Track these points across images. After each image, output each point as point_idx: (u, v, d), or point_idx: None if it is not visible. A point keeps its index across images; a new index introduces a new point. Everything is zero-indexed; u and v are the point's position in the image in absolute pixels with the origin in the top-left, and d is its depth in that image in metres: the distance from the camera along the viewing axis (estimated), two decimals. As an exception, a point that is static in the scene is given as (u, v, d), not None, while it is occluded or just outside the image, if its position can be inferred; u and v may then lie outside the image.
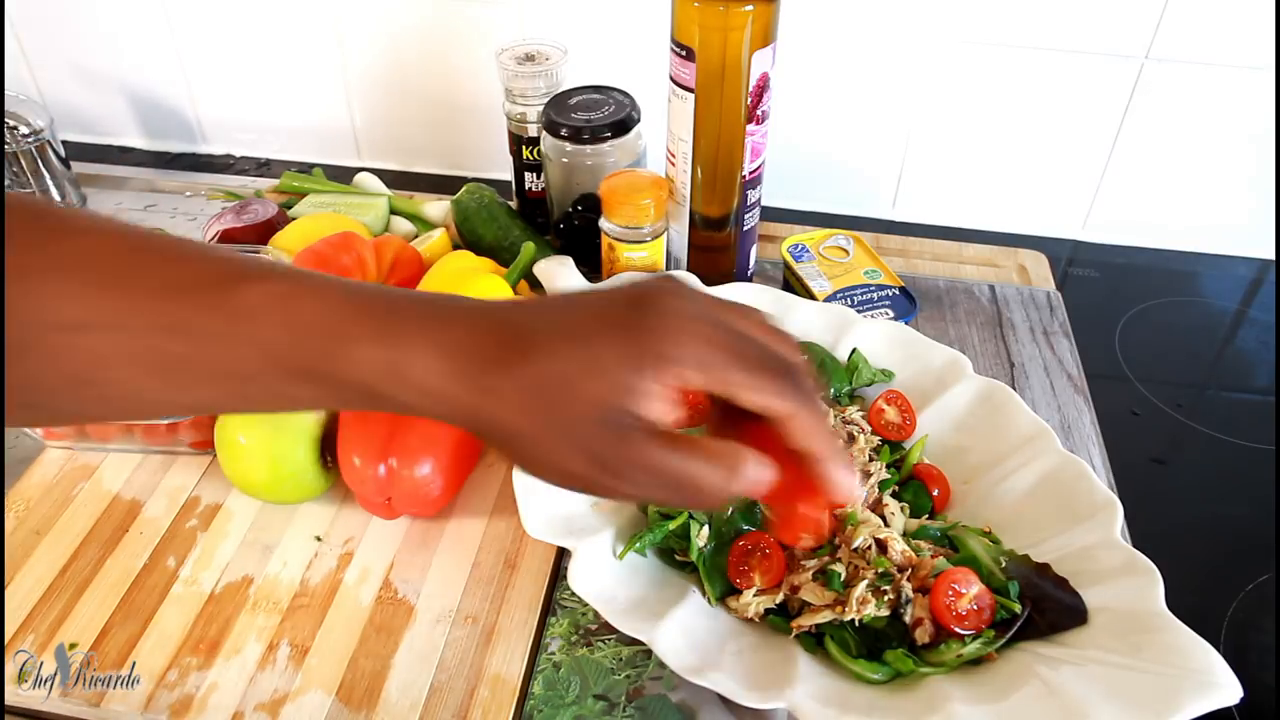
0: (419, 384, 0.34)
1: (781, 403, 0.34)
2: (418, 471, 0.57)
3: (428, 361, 0.33)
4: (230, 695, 0.53)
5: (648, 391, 0.33)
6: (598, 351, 0.33)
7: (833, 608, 0.51)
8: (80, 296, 0.33)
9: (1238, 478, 0.70)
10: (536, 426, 0.33)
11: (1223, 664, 0.44)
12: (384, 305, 0.34)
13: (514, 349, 0.33)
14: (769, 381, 0.34)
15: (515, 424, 0.34)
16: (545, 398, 0.33)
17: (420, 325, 0.34)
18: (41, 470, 0.66)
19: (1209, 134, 0.85)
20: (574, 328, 0.34)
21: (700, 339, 0.33)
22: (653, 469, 0.33)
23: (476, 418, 0.34)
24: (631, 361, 0.33)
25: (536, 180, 0.84)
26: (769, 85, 0.67)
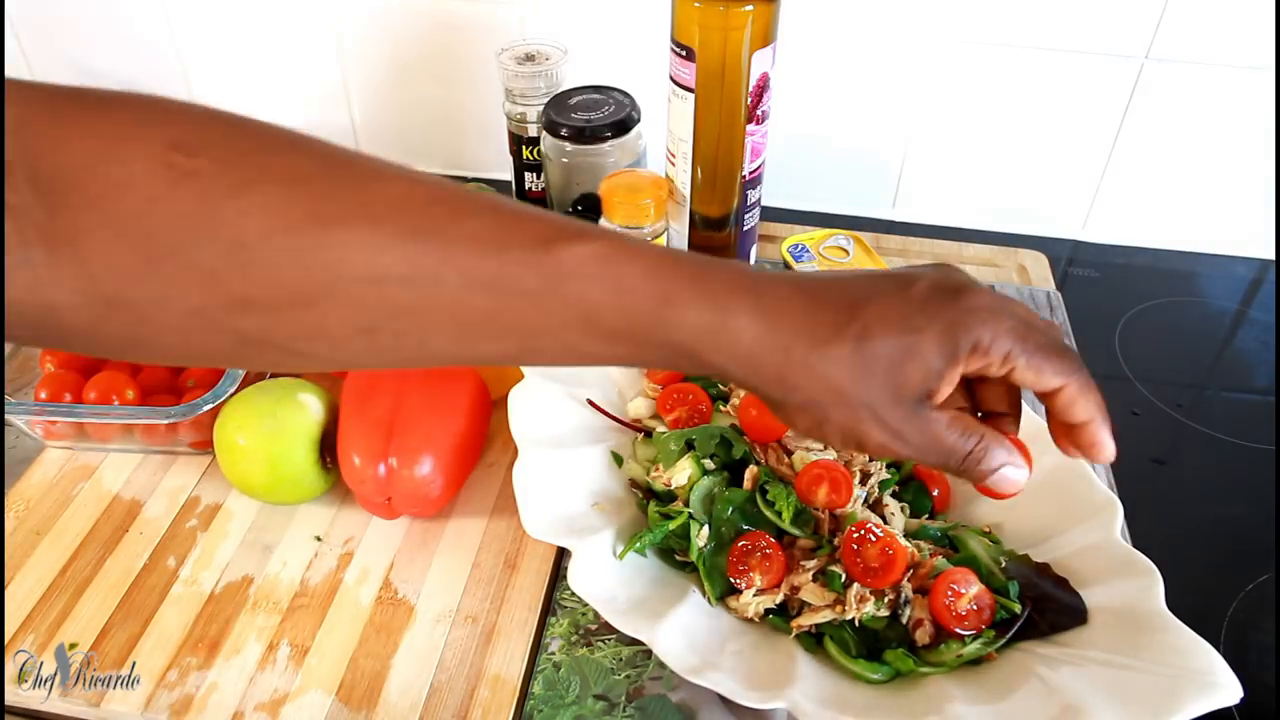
0: (734, 348, 0.36)
1: (1062, 379, 0.38)
2: (418, 471, 0.57)
3: (748, 326, 0.35)
4: (230, 695, 0.53)
5: (953, 377, 0.37)
6: (921, 339, 0.36)
7: (832, 607, 0.51)
8: (389, 247, 0.33)
9: (1238, 478, 0.70)
10: (845, 399, 0.36)
11: (1223, 664, 0.44)
12: (703, 270, 0.36)
13: (847, 327, 0.36)
14: (1053, 362, 0.38)
15: (824, 395, 0.37)
16: (868, 379, 0.36)
17: (739, 291, 0.36)
18: (41, 470, 0.66)
19: (1209, 134, 0.85)
20: (902, 314, 0.36)
21: (1003, 330, 0.37)
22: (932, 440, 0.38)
23: (782, 382, 0.37)
24: (950, 353, 0.36)
25: (536, 180, 0.84)
26: (769, 85, 0.67)
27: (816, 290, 0.37)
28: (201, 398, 0.61)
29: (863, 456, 0.60)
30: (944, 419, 0.38)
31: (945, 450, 0.38)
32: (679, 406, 0.64)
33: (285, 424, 0.59)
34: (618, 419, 0.64)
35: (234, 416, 0.60)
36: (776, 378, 0.37)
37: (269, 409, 0.60)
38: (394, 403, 0.58)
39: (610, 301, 0.35)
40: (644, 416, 0.65)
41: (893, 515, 0.57)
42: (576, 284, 0.34)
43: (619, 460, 0.61)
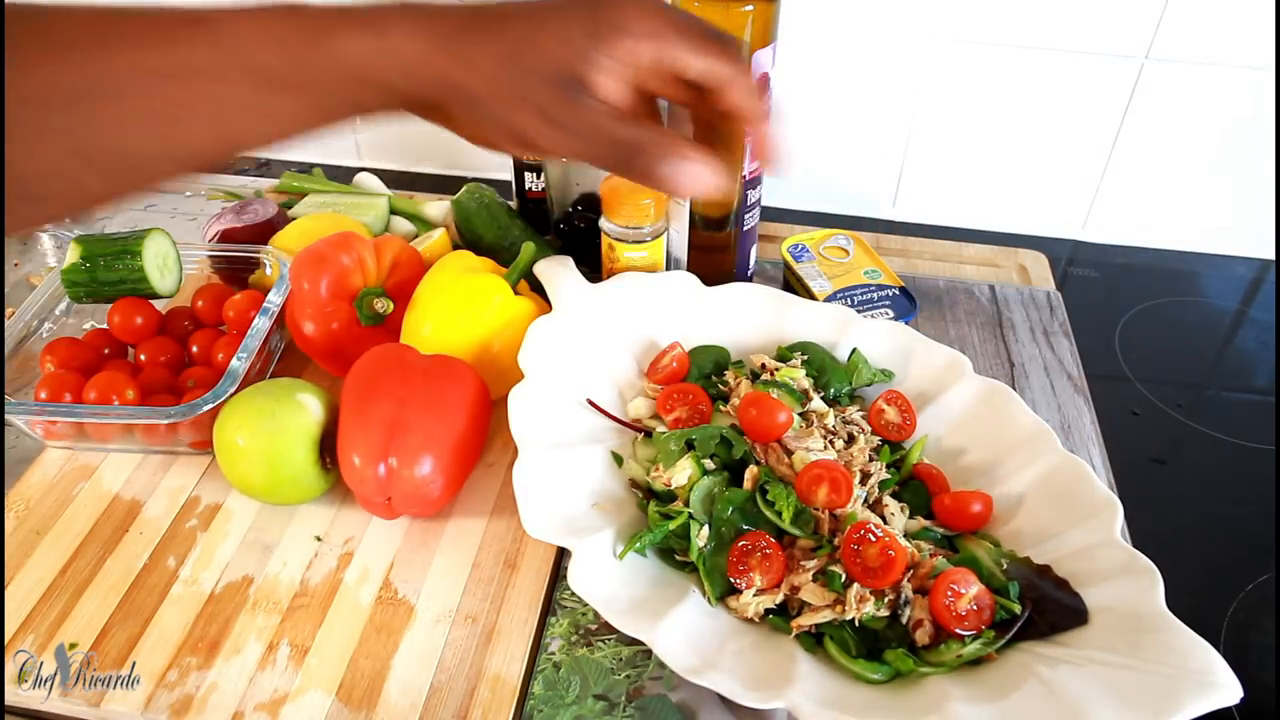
0: (401, 62, 0.38)
1: (722, 67, 0.39)
2: (418, 471, 0.57)
3: (410, 40, 0.38)
4: (230, 695, 0.53)
5: (601, 63, 0.38)
6: (563, 22, 0.38)
7: (832, 607, 0.51)
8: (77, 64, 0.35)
9: (1238, 478, 0.70)
10: (499, 87, 0.38)
11: (1223, 664, 0.44)
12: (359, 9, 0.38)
13: (489, 21, 0.38)
14: (712, 50, 0.39)
15: (480, 86, 0.38)
16: (512, 60, 0.38)
17: (401, 13, 0.38)
18: (41, 470, 0.66)
19: (1209, 134, 0.85)
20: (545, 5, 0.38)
21: (654, 16, 0.38)
22: (596, 129, 0.38)
23: (444, 82, 0.38)
24: (591, 30, 0.38)
25: (536, 180, 0.84)
26: (769, 85, 0.67)
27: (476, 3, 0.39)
28: (201, 398, 0.61)
29: (863, 457, 0.60)
30: (608, 108, 0.39)
31: (612, 140, 0.39)
32: (679, 406, 0.64)
33: (285, 424, 0.59)
34: (618, 419, 0.64)
35: (234, 417, 0.60)
36: (438, 78, 0.38)
37: (269, 409, 0.60)
38: (394, 403, 0.58)
39: (277, 54, 0.37)
40: (644, 416, 0.65)
41: (893, 515, 0.57)
42: (243, 49, 0.37)
43: (619, 460, 0.61)
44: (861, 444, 0.61)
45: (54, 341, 0.69)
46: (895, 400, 0.64)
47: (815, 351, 0.68)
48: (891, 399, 0.64)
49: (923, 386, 0.65)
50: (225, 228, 0.80)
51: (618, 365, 0.68)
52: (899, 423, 0.64)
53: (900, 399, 0.64)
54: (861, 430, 0.63)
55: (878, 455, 0.62)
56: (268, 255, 0.73)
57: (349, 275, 0.68)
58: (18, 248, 0.88)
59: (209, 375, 0.68)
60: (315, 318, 0.67)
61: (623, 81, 0.39)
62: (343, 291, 0.68)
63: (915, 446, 0.62)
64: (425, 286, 0.69)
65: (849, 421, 0.63)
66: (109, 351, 0.71)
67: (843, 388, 0.66)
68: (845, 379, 0.66)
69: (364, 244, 0.70)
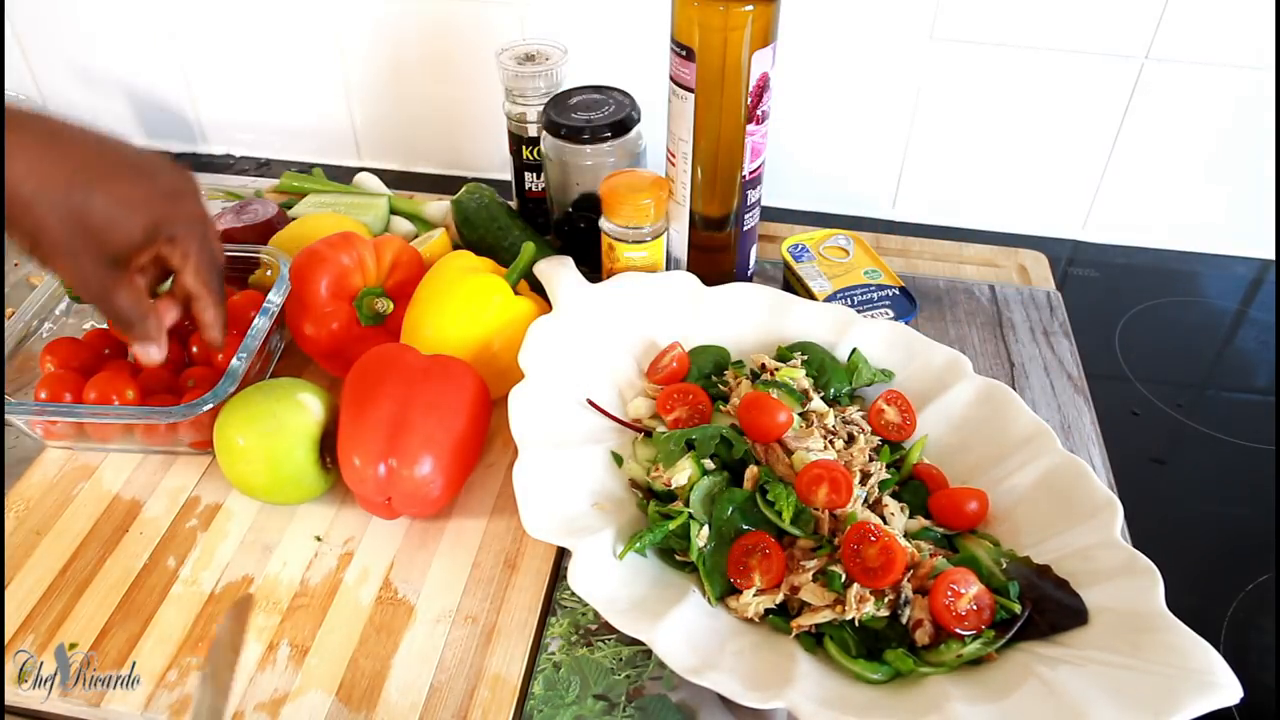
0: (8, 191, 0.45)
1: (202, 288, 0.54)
2: (417, 472, 0.57)
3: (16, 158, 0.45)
4: (230, 695, 0.53)
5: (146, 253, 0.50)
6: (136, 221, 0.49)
7: (832, 607, 0.51)
8: None
9: (1238, 478, 0.70)
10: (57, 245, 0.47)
11: (1223, 664, 0.44)
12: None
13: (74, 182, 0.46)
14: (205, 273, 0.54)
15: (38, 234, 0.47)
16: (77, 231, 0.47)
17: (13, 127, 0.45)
18: (41, 470, 0.66)
19: (1209, 134, 0.85)
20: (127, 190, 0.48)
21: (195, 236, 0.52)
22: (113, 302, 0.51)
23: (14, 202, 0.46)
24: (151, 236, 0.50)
25: (536, 180, 0.84)
26: (769, 85, 0.67)
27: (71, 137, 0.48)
28: (201, 398, 0.61)
29: (863, 457, 0.60)
30: (127, 287, 0.50)
31: (116, 308, 0.51)
32: (679, 406, 0.64)
33: (285, 424, 0.59)
34: (618, 419, 0.64)
35: (234, 417, 0.60)
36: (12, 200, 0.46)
37: (269, 409, 0.60)
38: (394, 403, 0.58)
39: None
40: (644, 416, 0.65)
41: (892, 515, 0.57)
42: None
43: (619, 460, 0.61)
44: (861, 444, 0.61)
45: (54, 341, 0.69)
46: (895, 400, 0.64)
47: (815, 351, 0.68)
48: (891, 399, 0.64)
49: (923, 386, 0.65)
50: (225, 228, 0.80)
51: (618, 365, 0.68)
52: (899, 423, 0.64)
53: (900, 399, 0.64)
54: (861, 430, 0.63)
55: (878, 455, 0.62)
56: (268, 255, 0.73)
57: (349, 275, 0.68)
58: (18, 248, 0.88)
59: (209, 375, 0.68)
60: (315, 318, 0.67)
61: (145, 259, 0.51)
62: (343, 291, 0.68)
63: (915, 446, 0.62)
64: (425, 286, 0.69)
65: (849, 421, 0.63)
66: (109, 351, 0.71)
67: (843, 388, 0.66)
68: (845, 379, 0.66)
69: (364, 244, 0.70)
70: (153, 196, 0.49)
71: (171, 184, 0.51)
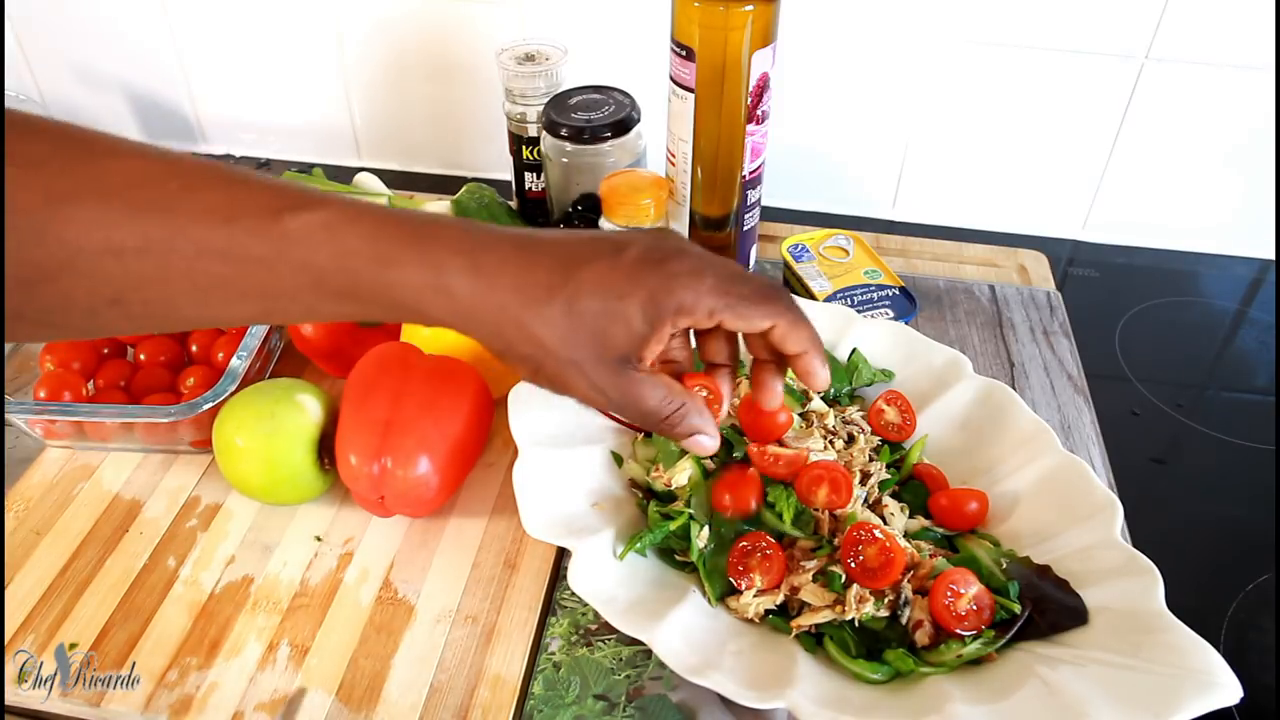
0: (451, 304, 0.38)
1: (770, 320, 0.42)
2: (412, 472, 0.57)
3: (464, 285, 0.38)
4: (230, 695, 0.53)
5: (656, 339, 0.40)
6: (627, 305, 0.39)
7: (832, 608, 0.51)
8: (122, 222, 0.35)
9: (1238, 478, 0.70)
10: (558, 357, 0.40)
11: (1223, 664, 0.44)
12: (422, 231, 0.38)
13: (558, 290, 0.39)
14: (759, 308, 0.41)
15: (538, 351, 0.40)
16: (576, 336, 0.39)
17: (456, 252, 0.38)
18: (41, 470, 0.66)
19: (1209, 134, 0.85)
20: (610, 280, 0.39)
21: (705, 290, 0.40)
22: (631, 399, 0.42)
23: (498, 337, 0.40)
24: (652, 316, 0.40)
25: (536, 180, 0.84)
26: (769, 85, 0.67)
27: (533, 250, 0.39)
28: (201, 396, 0.61)
29: (863, 457, 0.60)
30: (647, 382, 0.42)
31: (645, 411, 0.42)
32: (679, 406, 0.64)
33: (284, 424, 0.59)
34: (618, 419, 0.64)
35: (233, 417, 0.60)
36: (493, 333, 0.40)
37: (268, 410, 0.60)
38: (393, 403, 0.58)
39: (335, 265, 0.37)
40: (644, 416, 0.65)
41: (892, 515, 0.57)
42: (303, 250, 0.37)
43: (619, 460, 0.61)
44: (861, 444, 0.61)
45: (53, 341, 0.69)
46: (895, 400, 0.64)
47: (815, 351, 0.68)
48: (891, 399, 0.64)
49: (923, 386, 0.65)
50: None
51: (618, 365, 0.68)
52: (899, 423, 0.64)
53: (900, 399, 0.64)
54: (861, 430, 0.63)
55: (878, 455, 0.62)
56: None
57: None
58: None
59: (209, 374, 0.68)
60: (315, 318, 0.67)
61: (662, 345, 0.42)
62: (343, 291, 0.68)
63: (915, 446, 0.62)
64: (425, 286, 0.68)
65: (849, 421, 0.63)
66: (108, 351, 0.71)
67: (843, 388, 0.66)
68: (845, 379, 0.66)
69: (364, 244, 0.69)
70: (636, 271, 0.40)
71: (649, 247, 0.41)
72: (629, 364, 0.41)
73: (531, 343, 0.39)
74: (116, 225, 0.35)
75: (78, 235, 0.34)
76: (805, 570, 0.53)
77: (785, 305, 0.43)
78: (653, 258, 0.40)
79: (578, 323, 0.39)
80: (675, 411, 0.43)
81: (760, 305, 0.41)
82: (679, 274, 0.40)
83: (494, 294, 0.38)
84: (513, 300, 0.38)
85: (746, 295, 0.41)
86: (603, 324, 0.39)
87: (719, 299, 0.40)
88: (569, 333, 0.39)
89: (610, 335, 0.40)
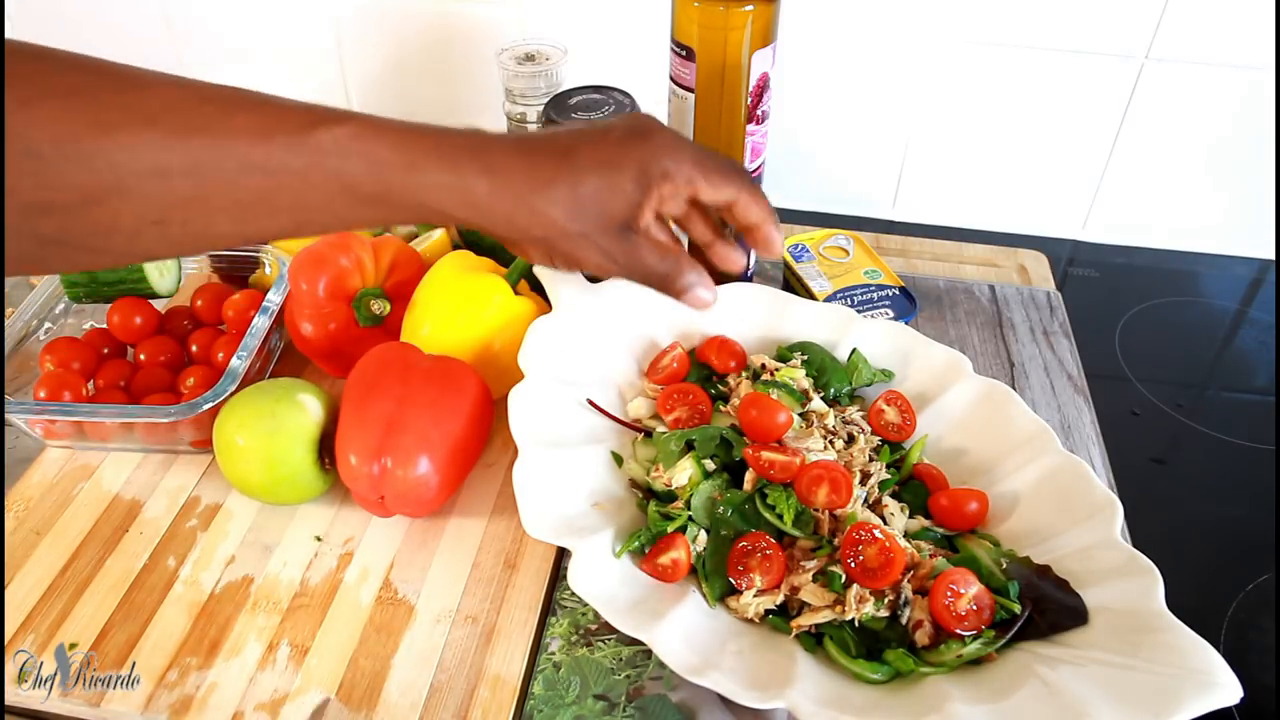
0: (471, 200, 0.43)
1: (734, 190, 0.48)
2: (411, 472, 0.57)
3: (480, 182, 0.43)
4: (230, 695, 0.53)
5: (648, 209, 0.46)
6: (621, 175, 0.45)
7: (832, 608, 0.51)
8: (169, 145, 0.37)
9: (1238, 478, 0.70)
10: (563, 233, 0.45)
11: (1223, 664, 0.44)
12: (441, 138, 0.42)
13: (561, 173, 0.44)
14: (726, 179, 0.48)
15: (544, 231, 0.45)
16: (578, 216, 0.45)
17: (471, 154, 0.43)
18: (41, 470, 0.66)
19: (1209, 134, 0.85)
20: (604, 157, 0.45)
21: (684, 159, 0.46)
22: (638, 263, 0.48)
23: (512, 224, 0.44)
24: (644, 182, 0.45)
25: (536, 180, 0.83)
26: (769, 85, 0.67)
27: (534, 146, 0.44)
28: (201, 396, 0.61)
29: (863, 457, 0.60)
30: (645, 245, 0.47)
31: (646, 269, 0.48)
32: (679, 406, 0.64)
33: (284, 424, 0.59)
34: (618, 419, 0.64)
35: (233, 416, 0.60)
36: (507, 221, 0.44)
37: (268, 409, 0.60)
38: (393, 403, 0.58)
39: (367, 173, 0.41)
40: (644, 416, 0.65)
41: (892, 515, 0.57)
42: (336, 160, 0.40)
43: (619, 460, 0.61)
44: (861, 444, 0.61)
45: (53, 341, 0.69)
46: (895, 400, 0.64)
47: (815, 351, 0.68)
48: (891, 399, 0.64)
49: (923, 386, 0.65)
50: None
51: (618, 365, 0.68)
52: (899, 423, 0.64)
53: (900, 399, 0.64)
54: (861, 430, 0.63)
55: (878, 455, 0.62)
56: (267, 255, 0.73)
57: (347, 276, 0.68)
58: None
59: (209, 374, 0.68)
60: (313, 318, 0.67)
61: (655, 213, 0.48)
62: (340, 292, 0.68)
63: (915, 446, 0.62)
64: (425, 286, 0.69)
65: (849, 421, 0.63)
66: (108, 351, 0.71)
67: (843, 388, 0.66)
68: (845, 379, 0.66)
69: (362, 245, 0.70)
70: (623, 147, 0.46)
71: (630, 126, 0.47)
72: (629, 230, 0.47)
73: (544, 224, 0.44)
74: (164, 148, 0.37)
75: (128, 159, 0.36)
76: (805, 570, 0.53)
77: (747, 180, 0.49)
78: (637, 134, 0.46)
79: (582, 199, 0.44)
80: (673, 268, 0.49)
81: (728, 176, 0.48)
82: (662, 145, 0.46)
83: (509, 188, 0.43)
84: (524, 189, 0.43)
85: (716, 168, 0.47)
86: (603, 196, 0.45)
87: (695, 168, 0.46)
88: (575, 209, 0.44)
89: (610, 205, 0.45)
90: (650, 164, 0.45)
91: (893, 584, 0.51)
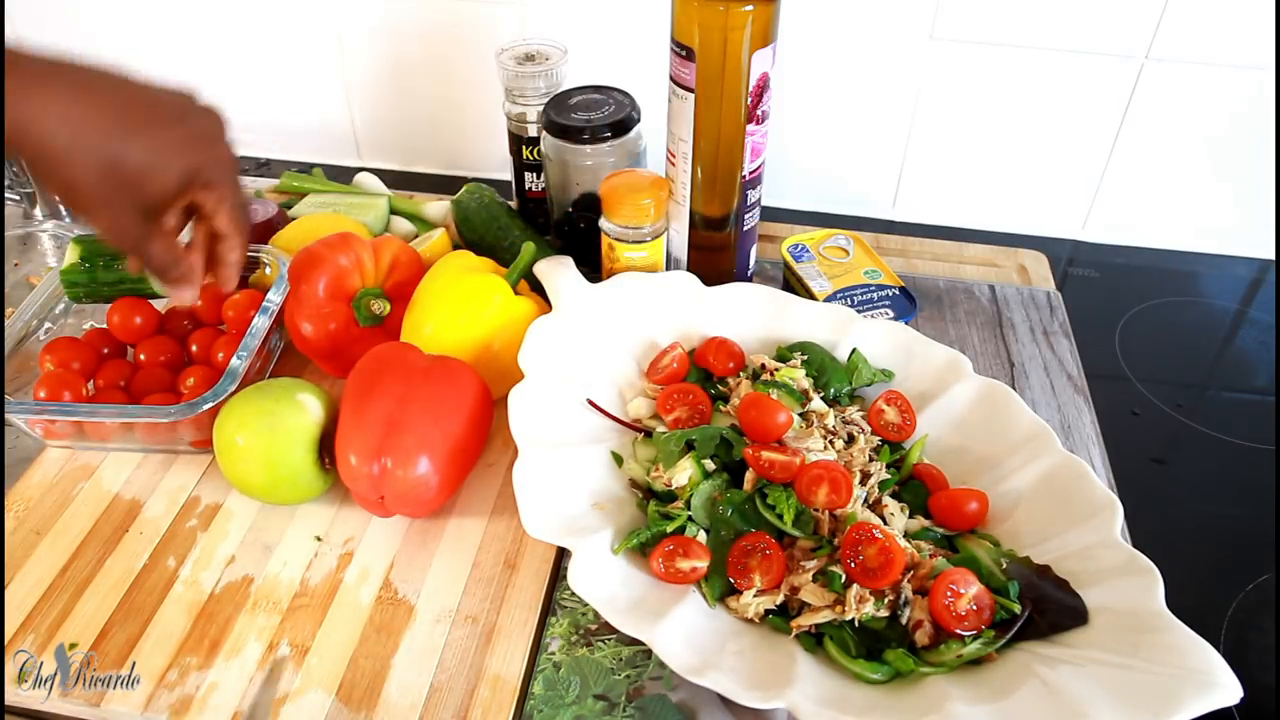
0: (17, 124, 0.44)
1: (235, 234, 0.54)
2: (411, 472, 0.57)
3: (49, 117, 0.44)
4: (230, 695, 0.53)
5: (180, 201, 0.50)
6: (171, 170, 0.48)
7: (832, 608, 0.51)
8: None
9: (1238, 478, 0.70)
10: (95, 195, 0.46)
11: (1223, 664, 0.44)
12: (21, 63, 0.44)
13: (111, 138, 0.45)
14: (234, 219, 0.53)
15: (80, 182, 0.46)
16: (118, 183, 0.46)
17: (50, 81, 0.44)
18: (41, 470, 0.66)
19: (1209, 134, 0.85)
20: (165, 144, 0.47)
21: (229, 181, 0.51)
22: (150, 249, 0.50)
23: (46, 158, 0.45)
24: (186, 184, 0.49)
25: (536, 180, 0.84)
26: (769, 85, 0.67)
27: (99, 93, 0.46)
28: (201, 396, 0.61)
29: (863, 457, 0.60)
30: (159, 235, 0.50)
31: (149, 256, 0.50)
32: (679, 406, 0.64)
33: (284, 424, 0.59)
34: (618, 419, 0.64)
35: (233, 416, 0.60)
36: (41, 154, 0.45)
37: (268, 409, 0.60)
38: (393, 403, 0.58)
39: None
40: (644, 416, 0.65)
41: (892, 515, 0.57)
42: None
43: (619, 460, 0.61)
44: (861, 444, 0.61)
45: (53, 341, 0.69)
46: (895, 400, 0.64)
47: (815, 351, 0.68)
48: (891, 399, 0.64)
49: (923, 386, 0.65)
50: (225, 228, 0.79)
51: (618, 365, 0.68)
52: (899, 423, 0.64)
53: (900, 399, 0.64)
54: (861, 430, 0.63)
55: (878, 455, 0.62)
56: (267, 255, 0.73)
57: (347, 276, 0.68)
58: (18, 248, 0.88)
59: (209, 374, 0.68)
60: (313, 318, 0.67)
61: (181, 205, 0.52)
62: (340, 292, 0.68)
63: (915, 446, 0.62)
64: (425, 286, 0.69)
65: (849, 421, 0.63)
66: (108, 351, 0.71)
67: (843, 388, 0.66)
68: (845, 379, 0.66)
69: (362, 245, 0.70)
70: (187, 142, 0.49)
71: (203, 127, 0.50)
72: (153, 215, 0.49)
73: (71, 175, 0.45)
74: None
75: None
76: (805, 570, 0.53)
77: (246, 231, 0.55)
78: (207, 137, 0.50)
79: (123, 171, 0.46)
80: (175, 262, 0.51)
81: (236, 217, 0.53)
82: (220, 159, 0.50)
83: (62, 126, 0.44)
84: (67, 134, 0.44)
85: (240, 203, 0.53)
86: (146, 177, 0.47)
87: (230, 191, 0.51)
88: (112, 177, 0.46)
89: (147, 188, 0.47)
90: (205, 170, 0.49)
91: (893, 584, 0.51)
